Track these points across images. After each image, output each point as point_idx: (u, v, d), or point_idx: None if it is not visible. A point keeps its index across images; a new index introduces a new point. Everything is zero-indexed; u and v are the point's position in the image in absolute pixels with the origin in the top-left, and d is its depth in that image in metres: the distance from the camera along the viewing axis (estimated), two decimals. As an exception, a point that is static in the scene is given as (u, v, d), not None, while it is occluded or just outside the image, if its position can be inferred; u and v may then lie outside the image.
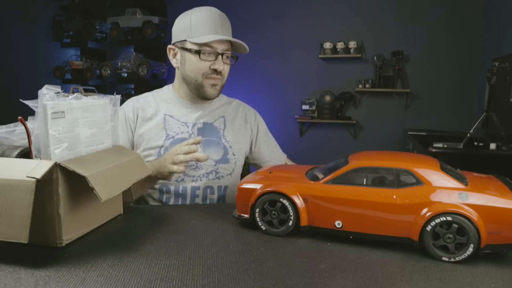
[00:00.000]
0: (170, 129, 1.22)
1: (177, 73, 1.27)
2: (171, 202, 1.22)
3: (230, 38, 1.17)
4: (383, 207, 0.70)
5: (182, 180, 1.20)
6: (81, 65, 4.15)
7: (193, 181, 1.21)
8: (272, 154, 1.39)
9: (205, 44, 1.15)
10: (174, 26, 1.23)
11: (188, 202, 1.21)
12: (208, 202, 1.23)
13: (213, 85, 1.21)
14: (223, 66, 1.19)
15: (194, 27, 1.16)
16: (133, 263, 0.65)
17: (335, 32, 3.99)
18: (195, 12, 1.18)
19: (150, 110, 1.25)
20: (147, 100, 1.28)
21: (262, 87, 4.23)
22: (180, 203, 1.21)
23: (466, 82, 3.76)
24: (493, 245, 0.66)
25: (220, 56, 1.17)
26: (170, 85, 1.33)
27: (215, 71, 1.18)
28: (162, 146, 1.20)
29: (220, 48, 1.17)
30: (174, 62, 1.25)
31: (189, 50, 1.18)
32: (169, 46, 1.25)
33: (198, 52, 1.16)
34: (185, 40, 1.18)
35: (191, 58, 1.18)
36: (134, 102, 1.27)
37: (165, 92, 1.31)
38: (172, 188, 1.20)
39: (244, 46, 1.21)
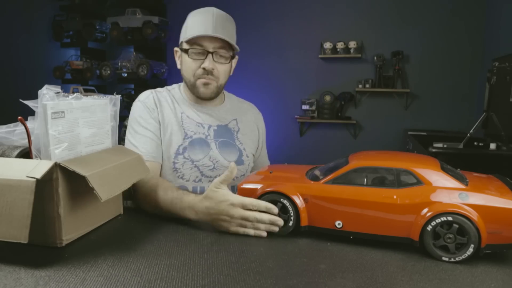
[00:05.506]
0: (188, 129, 1.21)
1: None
2: None
3: (214, 34, 1.11)
4: (383, 207, 0.70)
5: (200, 180, 1.20)
6: (81, 65, 4.15)
7: (209, 181, 1.20)
8: (261, 158, 1.39)
9: (194, 43, 1.14)
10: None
11: None
12: None
13: (205, 84, 1.18)
14: (213, 65, 1.15)
15: (189, 27, 1.16)
16: (133, 263, 0.65)
17: (335, 32, 3.99)
18: (193, 12, 1.19)
19: (167, 104, 1.23)
20: (163, 95, 1.26)
21: (262, 87, 4.22)
22: None
23: (466, 82, 3.75)
24: (493, 245, 0.66)
25: (210, 55, 1.14)
26: (182, 85, 1.30)
27: (205, 70, 1.15)
28: (181, 144, 1.18)
29: (210, 46, 1.14)
30: (178, 64, 1.25)
31: (183, 50, 1.18)
32: (175, 48, 1.26)
33: (188, 51, 1.15)
34: (182, 41, 1.19)
35: (185, 58, 1.18)
36: (152, 93, 1.24)
37: (177, 92, 1.28)
38: (190, 188, 1.20)
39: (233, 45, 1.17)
